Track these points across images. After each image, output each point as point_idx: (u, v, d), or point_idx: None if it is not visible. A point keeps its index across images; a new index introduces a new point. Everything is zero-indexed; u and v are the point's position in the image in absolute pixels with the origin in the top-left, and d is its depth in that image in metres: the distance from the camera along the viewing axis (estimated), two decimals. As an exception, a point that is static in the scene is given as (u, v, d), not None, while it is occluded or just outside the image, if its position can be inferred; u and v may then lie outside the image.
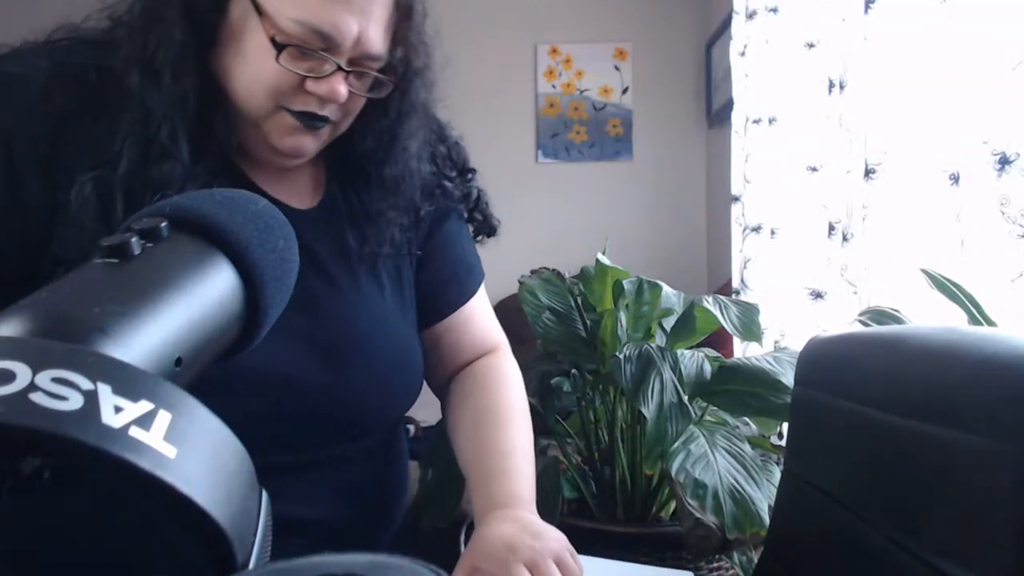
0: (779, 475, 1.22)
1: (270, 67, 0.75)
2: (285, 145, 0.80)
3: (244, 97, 0.77)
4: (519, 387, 0.99)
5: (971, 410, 0.56)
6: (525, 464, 0.89)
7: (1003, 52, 1.10)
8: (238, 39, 0.76)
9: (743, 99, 2.18)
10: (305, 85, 0.77)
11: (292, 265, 0.40)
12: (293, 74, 0.76)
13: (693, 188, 3.36)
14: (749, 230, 2.10)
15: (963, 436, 0.56)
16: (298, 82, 0.77)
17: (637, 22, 3.36)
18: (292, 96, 0.77)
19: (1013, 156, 1.07)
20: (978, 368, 0.57)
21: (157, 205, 0.37)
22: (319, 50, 0.75)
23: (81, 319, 0.28)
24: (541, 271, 1.43)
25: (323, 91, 0.77)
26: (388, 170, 0.89)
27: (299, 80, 0.76)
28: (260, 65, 0.75)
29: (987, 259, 1.13)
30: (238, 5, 0.75)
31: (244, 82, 0.76)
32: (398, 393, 0.90)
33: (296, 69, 0.75)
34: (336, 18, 0.74)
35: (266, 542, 0.27)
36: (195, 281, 0.34)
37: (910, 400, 0.64)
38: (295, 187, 0.89)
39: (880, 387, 0.70)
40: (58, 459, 0.23)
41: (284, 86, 0.76)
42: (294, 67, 0.75)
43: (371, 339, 0.87)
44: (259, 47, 0.75)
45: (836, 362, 0.82)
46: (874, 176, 1.44)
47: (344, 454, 0.86)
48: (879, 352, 0.73)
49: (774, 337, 1.90)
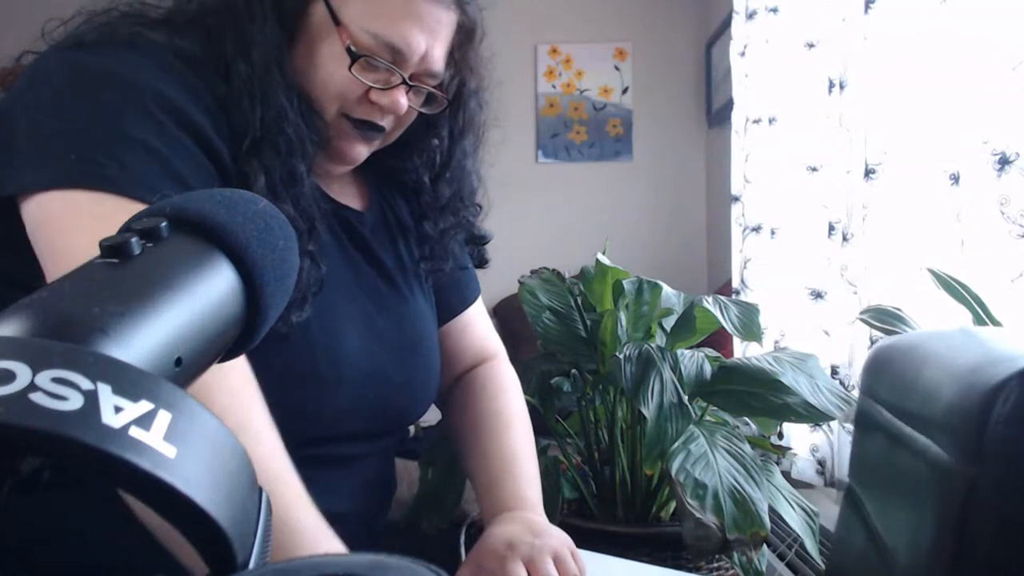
0: (779, 475, 1.23)
1: (341, 74, 0.78)
2: (342, 150, 0.83)
3: (314, 100, 0.79)
4: (518, 393, 1.02)
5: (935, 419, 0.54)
6: (530, 467, 0.91)
7: (1003, 52, 1.10)
8: (313, 44, 0.78)
9: (743, 99, 2.17)
10: (370, 95, 0.80)
11: (292, 265, 0.40)
12: (361, 84, 0.78)
13: (693, 188, 3.36)
14: (749, 230, 2.10)
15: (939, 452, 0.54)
16: (364, 92, 0.79)
17: (637, 22, 3.36)
18: (356, 105, 0.80)
19: (1013, 156, 1.07)
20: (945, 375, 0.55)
21: (157, 205, 0.37)
22: (388, 63, 0.78)
23: (81, 319, 0.28)
24: (541, 271, 1.43)
25: (386, 103, 0.80)
26: (445, 187, 0.93)
27: (365, 90, 0.79)
28: (331, 71, 0.78)
29: (987, 259, 1.13)
30: (317, 10, 0.77)
31: (316, 85, 0.79)
32: (433, 391, 0.95)
33: (365, 79, 0.78)
34: (409, 34, 0.78)
35: (266, 542, 0.27)
36: (195, 281, 0.34)
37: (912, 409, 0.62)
38: (346, 192, 0.92)
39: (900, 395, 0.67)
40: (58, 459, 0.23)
41: (351, 94, 0.79)
42: (364, 77, 0.78)
43: (426, 340, 0.92)
44: (332, 54, 0.77)
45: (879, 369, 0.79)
46: (874, 176, 1.44)
47: (378, 448, 0.90)
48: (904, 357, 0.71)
49: (774, 337, 1.90)
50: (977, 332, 0.66)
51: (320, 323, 0.78)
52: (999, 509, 0.47)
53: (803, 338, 1.76)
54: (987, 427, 0.47)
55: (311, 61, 0.78)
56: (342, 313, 0.82)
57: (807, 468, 1.67)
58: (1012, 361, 0.50)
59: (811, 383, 1.16)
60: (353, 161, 0.85)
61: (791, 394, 1.15)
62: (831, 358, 1.58)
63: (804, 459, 1.68)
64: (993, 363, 0.51)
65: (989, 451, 0.47)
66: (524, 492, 0.87)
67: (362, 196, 0.94)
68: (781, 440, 1.68)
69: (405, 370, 0.87)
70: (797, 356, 1.23)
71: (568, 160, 3.38)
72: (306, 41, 0.78)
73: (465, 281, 1.03)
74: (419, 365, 0.90)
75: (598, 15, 3.36)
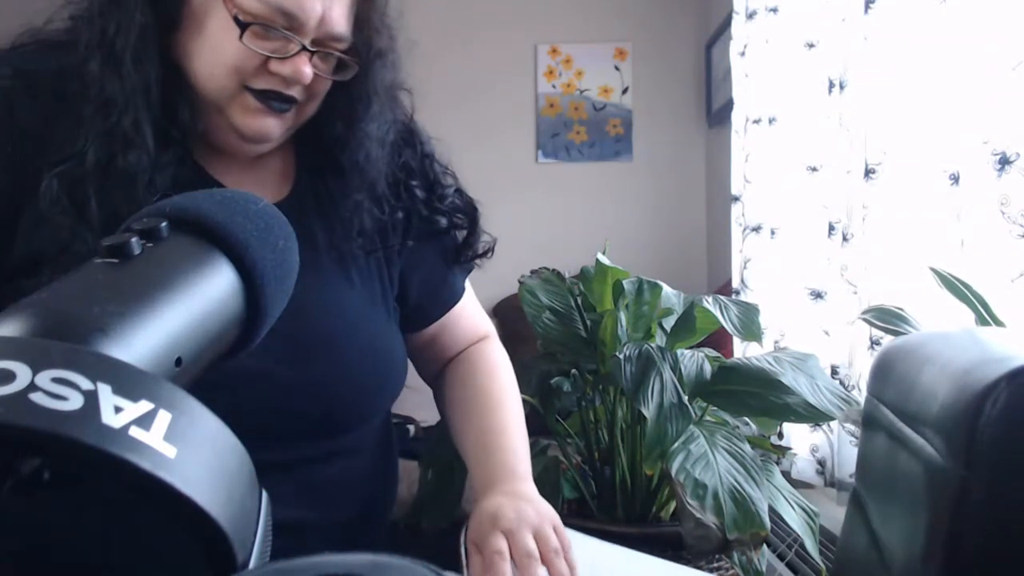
0: (779, 475, 1.23)
1: (233, 47, 0.75)
2: (249, 127, 0.79)
3: (206, 79, 0.77)
4: (509, 372, 1.01)
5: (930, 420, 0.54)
6: (519, 442, 0.90)
7: (1003, 52, 1.10)
8: (200, 20, 0.75)
9: (743, 99, 2.17)
10: (269, 66, 0.77)
11: (292, 265, 0.40)
12: (256, 54, 0.75)
13: (693, 188, 3.36)
14: (749, 230, 2.10)
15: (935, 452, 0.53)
16: (261, 62, 0.76)
17: (637, 22, 3.35)
18: (255, 76, 0.77)
19: (1013, 156, 1.07)
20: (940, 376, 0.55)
21: (157, 205, 0.37)
22: (283, 29, 0.75)
23: (81, 319, 0.28)
24: (541, 271, 1.43)
25: (287, 71, 0.77)
26: (348, 155, 0.87)
27: (262, 60, 0.76)
28: (222, 45, 0.75)
29: (987, 259, 1.13)
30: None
31: (206, 63, 0.76)
32: (372, 389, 0.89)
33: (260, 49, 0.75)
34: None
35: (266, 542, 0.27)
36: (195, 281, 0.34)
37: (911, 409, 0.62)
38: (262, 180, 0.88)
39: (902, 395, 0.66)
40: (58, 459, 0.23)
41: (247, 66, 0.76)
42: (257, 47, 0.75)
43: (336, 333, 0.85)
44: (221, 27, 0.75)
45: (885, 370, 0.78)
46: (874, 176, 1.44)
47: (321, 452, 0.85)
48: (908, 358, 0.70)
49: (774, 337, 1.90)
50: (980, 333, 0.65)
51: None
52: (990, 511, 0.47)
53: (803, 338, 1.76)
54: (977, 429, 0.47)
55: (199, 39, 0.76)
56: None
57: (807, 468, 1.67)
58: (1003, 362, 0.49)
59: (811, 383, 1.16)
60: (266, 138, 0.81)
61: (791, 394, 1.15)
62: (831, 358, 1.58)
63: (804, 459, 1.67)
64: (985, 364, 0.50)
65: (979, 453, 0.47)
66: (512, 463, 0.86)
67: (285, 180, 0.90)
68: (781, 440, 1.68)
69: (303, 370, 0.81)
70: (797, 356, 1.23)
71: (568, 160, 3.38)
72: (192, 21, 0.76)
73: (454, 274, 1.00)
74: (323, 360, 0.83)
75: (598, 15, 3.36)
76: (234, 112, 0.79)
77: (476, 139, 3.15)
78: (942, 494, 0.50)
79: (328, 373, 0.83)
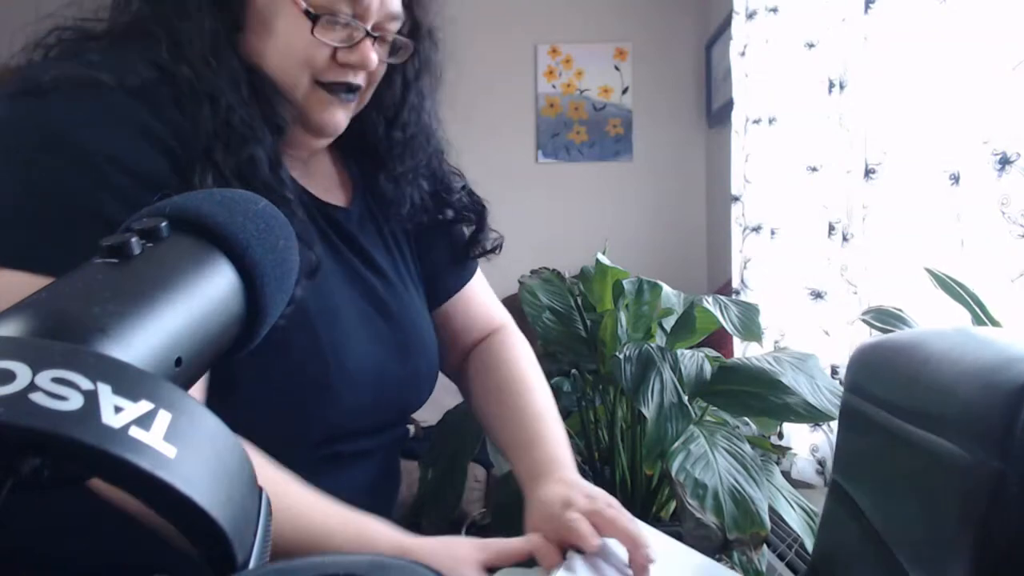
0: (779, 475, 1.23)
1: (303, 41, 0.76)
2: (323, 120, 0.81)
3: (281, 76, 0.77)
4: (533, 360, 1.02)
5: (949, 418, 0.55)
6: (557, 427, 0.91)
7: (1003, 52, 1.10)
8: (266, 19, 0.76)
9: (743, 99, 2.17)
10: (337, 56, 0.78)
11: (292, 265, 0.40)
12: (326, 45, 0.76)
13: (693, 188, 3.36)
14: (749, 230, 2.10)
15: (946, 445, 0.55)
16: (330, 53, 0.77)
17: (637, 22, 3.35)
18: (326, 69, 0.78)
19: (1013, 156, 1.07)
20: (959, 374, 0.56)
21: (157, 205, 0.37)
22: (349, 16, 0.76)
23: (81, 319, 0.28)
24: (541, 271, 1.43)
25: (356, 60, 0.78)
26: (398, 132, 0.89)
27: (331, 51, 0.77)
28: (293, 40, 0.76)
29: (987, 259, 1.13)
30: None
31: (279, 61, 0.77)
32: (435, 378, 0.95)
33: (329, 40, 0.76)
34: None
35: (266, 542, 0.27)
36: (195, 281, 0.34)
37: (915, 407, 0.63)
38: (328, 185, 0.90)
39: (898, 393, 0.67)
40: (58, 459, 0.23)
41: (318, 59, 0.77)
42: (327, 38, 0.76)
43: (423, 331, 0.92)
44: (289, 23, 0.75)
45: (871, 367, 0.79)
46: (874, 176, 1.44)
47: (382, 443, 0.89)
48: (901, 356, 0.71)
49: (774, 337, 1.90)
50: (976, 332, 0.66)
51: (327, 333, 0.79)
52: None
53: (803, 338, 1.76)
54: (1015, 424, 0.49)
55: (268, 38, 0.76)
56: (346, 320, 0.82)
57: (807, 468, 1.67)
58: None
59: (811, 383, 1.16)
60: (335, 130, 0.83)
61: (791, 394, 1.15)
62: (831, 358, 1.58)
63: (804, 459, 1.67)
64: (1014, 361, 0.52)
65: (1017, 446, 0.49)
66: (557, 453, 0.86)
67: (345, 189, 0.92)
68: (781, 440, 1.68)
69: (406, 365, 0.87)
70: (797, 356, 1.23)
71: (568, 160, 3.38)
72: (258, 19, 0.76)
73: (462, 256, 1.02)
74: (420, 359, 0.90)
75: (598, 15, 3.36)
76: (311, 107, 0.80)
77: (476, 139, 3.14)
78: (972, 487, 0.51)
79: (423, 365, 0.90)
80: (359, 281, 0.87)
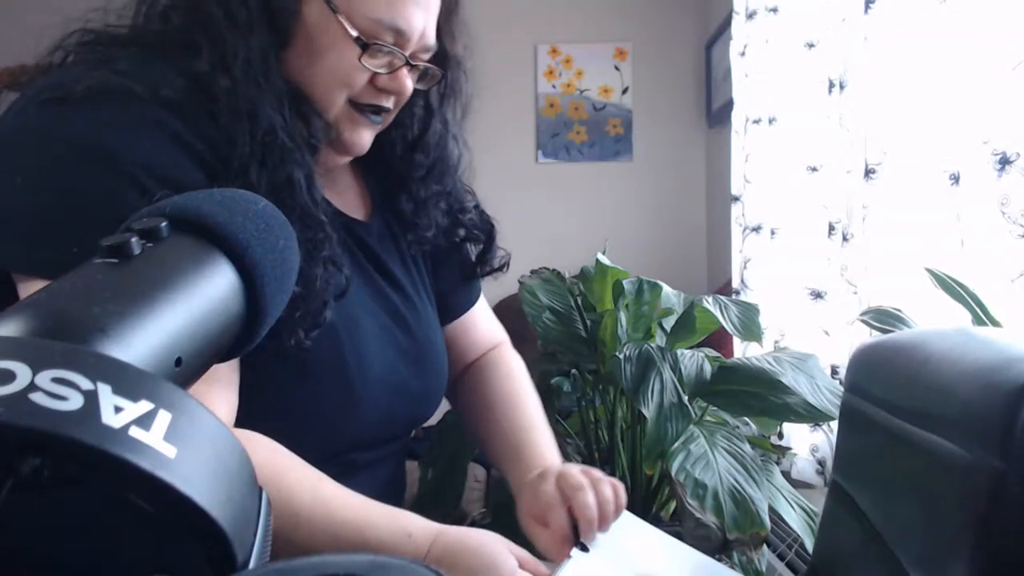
0: (779, 475, 1.23)
1: (348, 64, 0.77)
2: (352, 140, 0.83)
3: (321, 95, 0.78)
4: (525, 375, 1.04)
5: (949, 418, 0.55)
6: (547, 437, 0.93)
7: (1003, 52, 1.10)
8: (314, 39, 0.77)
9: (743, 99, 2.17)
10: (376, 81, 0.80)
11: (292, 265, 0.40)
12: (366, 71, 0.78)
13: (693, 188, 3.36)
14: (749, 230, 2.10)
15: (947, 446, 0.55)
16: (369, 78, 0.79)
17: (637, 22, 3.35)
18: (363, 92, 0.80)
19: (1013, 156, 1.07)
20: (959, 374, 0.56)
21: (157, 205, 0.37)
22: (391, 44, 0.78)
23: (81, 319, 0.28)
24: (541, 271, 1.43)
25: (395, 87, 0.80)
26: (421, 156, 0.92)
27: (370, 76, 0.79)
28: (340, 64, 0.77)
29: (987, 259, 1.13)
30: (312, 6, 0.76)
31: (322, 81, 0.78)
32: (444, 391, 0.97)
33: (373, 67, 0.78)
34: (409, 13, 0.78)
35: (266, 542, 0.27)
36: (195, 281, 0.34)
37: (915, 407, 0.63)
38: (349, 198, 0.91)
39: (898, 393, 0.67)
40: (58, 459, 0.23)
41: (358, 82, 0.79)
42: (372, 64, 0.78)
43: (437, 346, 0.94)
44: (335, 46, 0.76)
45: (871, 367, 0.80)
46: (874, 176, 1.43)
47: (391, 451, 0.91)
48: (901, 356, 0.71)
49: (774, 337, 1.90)
50: (976, 332, 0.66)
51: (351, 345, 0.80)
52: None
53: (803, 338, 1.76)
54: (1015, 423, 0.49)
55: (311, 58, 0.77)
56: (369, 332, 0.83)
57: (807, 468, 1.67)
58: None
59: (811, 383, 1.16)
60: (362, 150, 0.85)
61: (791, 394, 1.15)
62: (831, 358, 1.58)
63: (804, 459, 1.67)
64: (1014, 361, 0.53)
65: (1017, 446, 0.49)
66: (547, 455, 0.89)
67: (363, 202, 0.93)
68: (781, 440, 1.68)
69: (423, 380, 0.90)
70: (797, 356, 1.23)
71: (568, 160, 3.38)
72: (303, 39, 0.77)
73: (466, 279, 1.04)
74: (434, 372, 0.92)
75: (598, 15, 3.36)
76: (342, 127, 0.81)
77: (476, 139, 3.14)
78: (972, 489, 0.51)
79: (436, 380, 0.93)
80: (380, 294, 0.88)
